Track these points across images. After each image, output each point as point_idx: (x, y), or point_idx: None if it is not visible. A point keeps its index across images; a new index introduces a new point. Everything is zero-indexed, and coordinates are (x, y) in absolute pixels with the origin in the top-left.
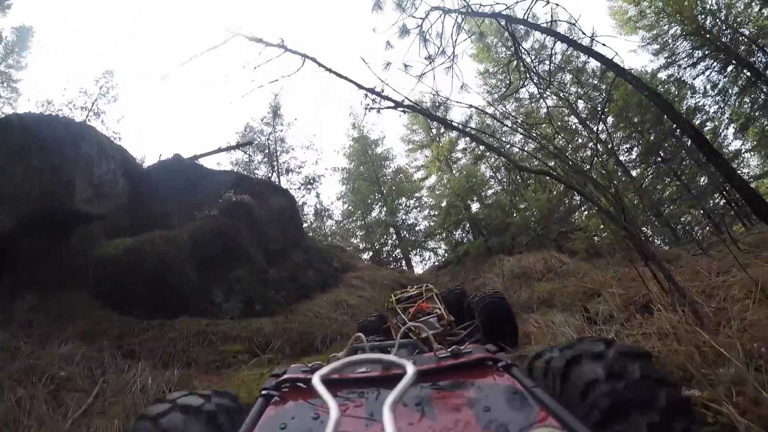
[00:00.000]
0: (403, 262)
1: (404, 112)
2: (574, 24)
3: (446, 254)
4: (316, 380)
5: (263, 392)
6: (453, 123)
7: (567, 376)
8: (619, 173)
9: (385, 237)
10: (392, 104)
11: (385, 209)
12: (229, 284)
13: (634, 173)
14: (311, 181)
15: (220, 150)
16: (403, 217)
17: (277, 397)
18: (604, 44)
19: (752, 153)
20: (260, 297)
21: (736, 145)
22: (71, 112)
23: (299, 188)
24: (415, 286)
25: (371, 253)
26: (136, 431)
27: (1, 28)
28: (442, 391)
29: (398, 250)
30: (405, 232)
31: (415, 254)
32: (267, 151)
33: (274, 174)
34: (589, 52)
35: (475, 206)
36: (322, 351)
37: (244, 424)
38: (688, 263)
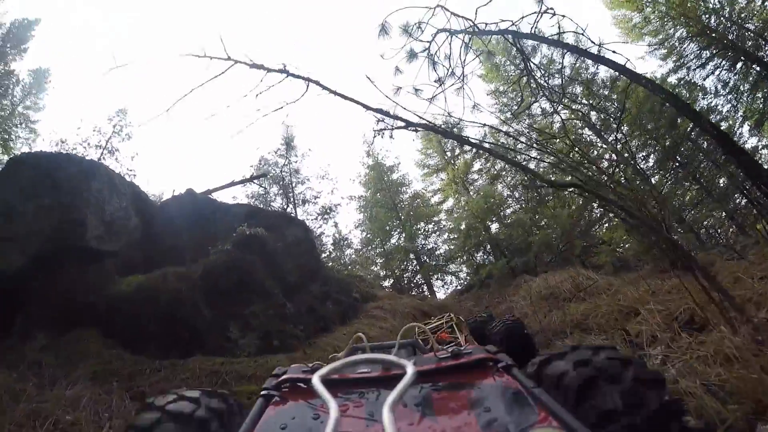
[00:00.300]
0: (425, 288)
1: (416, 131)
2: (582, 34)
3: (468, 277)
4: (315, 380)
5: (263, 392)
6: (469, 139)
7: (583, 397)
8: (638, 182)
9: (405, 263)
10: (403, 124)
11: (404, 235)
12: (245, 320)
13: (653, 180)
14: (328, 211)
15: (233, 183)
16: (423, 242)
17: (277, 397)
18: (614, 51)
19: None
20: (278, 332)
21: (752, 142)
22: (86, 151)
23: (316, 218)
24: (438, 317)
25: (392, 281)
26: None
27: (18, 71)
28: (442, 392)
29: (419, 276)
30: (425, 257)
31: (437, 279)
32: (282, 183)
33: (291, 206)
34: (601, 60)
35: (494, 227)
36: None
37: (245, 424)
38: (724, 269)
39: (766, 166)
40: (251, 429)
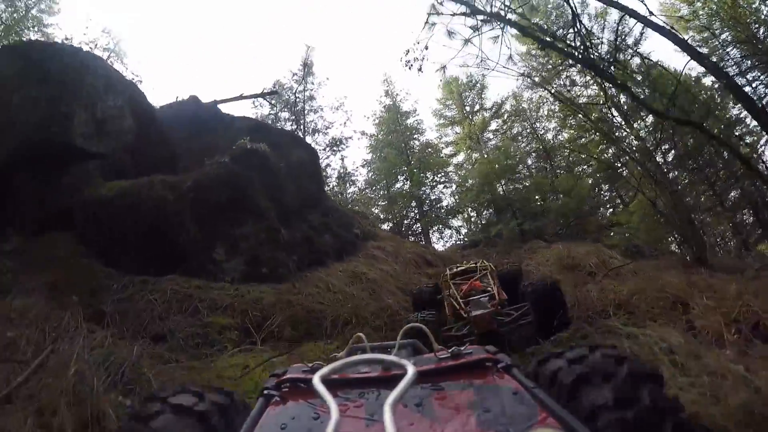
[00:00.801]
0: (422, 238)
1: (487, 19)
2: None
3: (471, 233)
4: (316, 381)
5: (264, 392)
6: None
7: (575, 395)
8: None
9: (406, 210)
10: (467, 10)
11: (410, 181)
12: (233, 241)
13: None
14: (338, 143)
15: (242, 97)
16: (428, 191)
17: (277, 397)
18: (672, 28)
19: None
20: (268, 259)
21: None
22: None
23: (324, 149)
24: (471, 262)
25: (391, 225)
26: None
27: None
28: (442, 392)
29: (418, 225)
30: (427, 207)
31: (436, 231)
32: (294, 109)
33: (300, 133)
34: (662, 31)
35: (506, 188)
36: (333, 336)
37: (245, 424)
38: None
39: None
40: (251, 429)
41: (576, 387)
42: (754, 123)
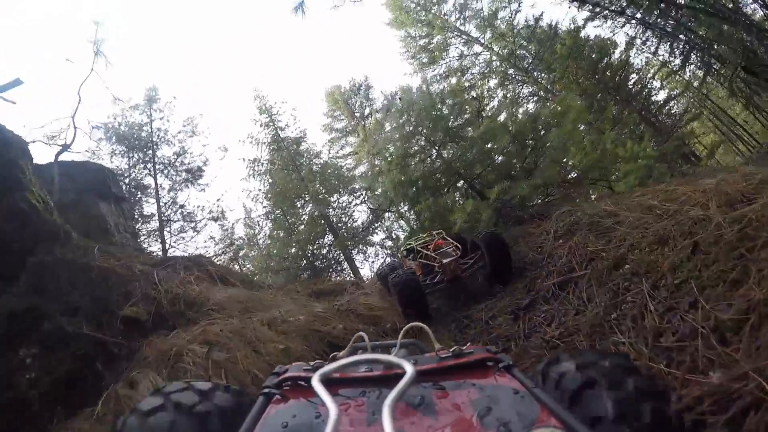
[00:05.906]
0: (345, 264)
1: None
2: None
3: (405, 242)
4: (314, 380)
5: (265, 390)
6: None
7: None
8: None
9: (319, 239)
10: None
11: (311, 200)
12: None
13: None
14: (195, 171)
15: None
16: (339, 213)
17: (278, 395)
18: None
19: (676, 100)
20: None
21: (662, 95)
22: None
23: (184, 182)
24: (426, 233)
25: (305, 262)
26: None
27: None
28: (443, 391)
29: (339, 253)
30: (343, 230)
31: (358, 252)
32: (148, 144)
33: (150, 176)
34: None
35: (449, 154)
36: None
37: (245, 422)
38: None
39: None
40: (252, 427)
41: (580, 393)
42: None
